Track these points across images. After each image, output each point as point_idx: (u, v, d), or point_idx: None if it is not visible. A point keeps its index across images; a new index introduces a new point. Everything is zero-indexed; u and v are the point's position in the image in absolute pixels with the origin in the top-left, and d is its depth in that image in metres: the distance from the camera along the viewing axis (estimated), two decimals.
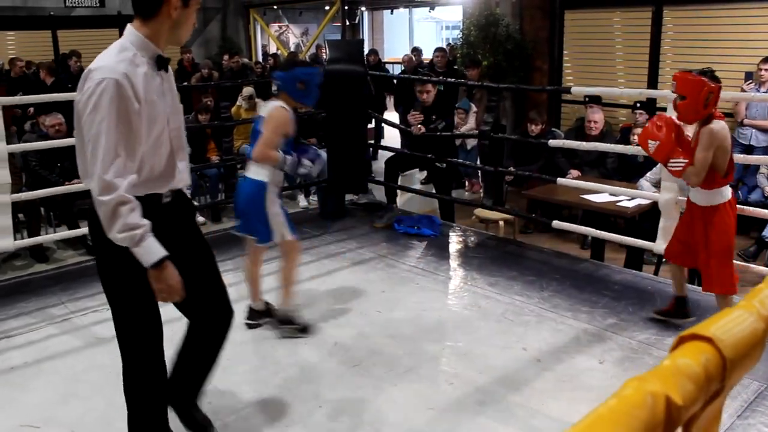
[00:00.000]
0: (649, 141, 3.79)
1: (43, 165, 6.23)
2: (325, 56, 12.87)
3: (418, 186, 8.34)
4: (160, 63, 2.47)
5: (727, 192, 3.82)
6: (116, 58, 2.34)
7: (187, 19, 2.48)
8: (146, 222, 2.29)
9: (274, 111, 3.86)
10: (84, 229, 5.67)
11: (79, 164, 2.48)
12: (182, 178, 2.58)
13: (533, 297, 4.59)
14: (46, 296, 4.72)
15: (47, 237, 6.06)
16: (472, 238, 5.85)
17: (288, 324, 4.13)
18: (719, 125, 3.65)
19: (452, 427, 3.20)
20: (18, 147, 5.88)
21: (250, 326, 4.19)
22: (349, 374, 3.67)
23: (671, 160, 3.74)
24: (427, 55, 11.44)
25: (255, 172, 3.89)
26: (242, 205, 3.98)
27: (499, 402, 3.37)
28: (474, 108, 8.04)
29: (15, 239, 4.90)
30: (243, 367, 3.75)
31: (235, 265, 5.38)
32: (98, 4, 12.82)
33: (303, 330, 4.12)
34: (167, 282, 2.37)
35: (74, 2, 12.58)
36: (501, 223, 6.15)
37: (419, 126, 6.09)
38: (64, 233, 5.71)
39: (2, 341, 4.13)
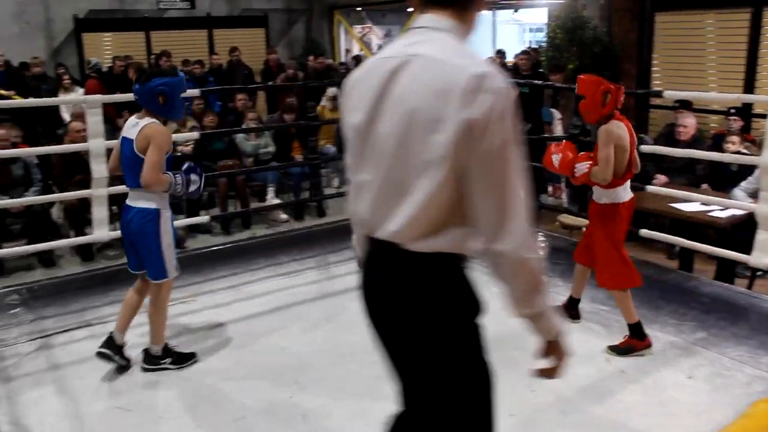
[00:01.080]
0: (552, 156, 3.99)
1: None
2: None
3: None
4: None
5: (623, 192, 3.94)
6: (479, 59, 1.67)
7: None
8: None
9: (149, 129, 3.45)
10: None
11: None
12: None
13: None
14: None
15: None
16: (556, 244, 5.75)
17: (162, 360, 3.76)
18: (615, 125, 3.80)
19: None
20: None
21: (101, 354, 3.71)
22: None
23: (576, 166, 3.90)
24: (510, 58, 11.33)
25: (143, 199, 3.54)
26: (131, 237, 3.61)
27: (583, 413, 3.31)
28: (558, 115, 7.90)
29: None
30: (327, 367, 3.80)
31: (317, 263, 5.47)
32: (189, 6, 13.22)
33: (183, 359, 3.83)
34: (564, 354, 1.94)
35: (166, 4, 13.01)
36: (584, 229, 6.02)
37: None
38: None
39: (97, 326, 4.32)
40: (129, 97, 6.11)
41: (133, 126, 3.50)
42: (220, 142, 7.51)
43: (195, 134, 6.46)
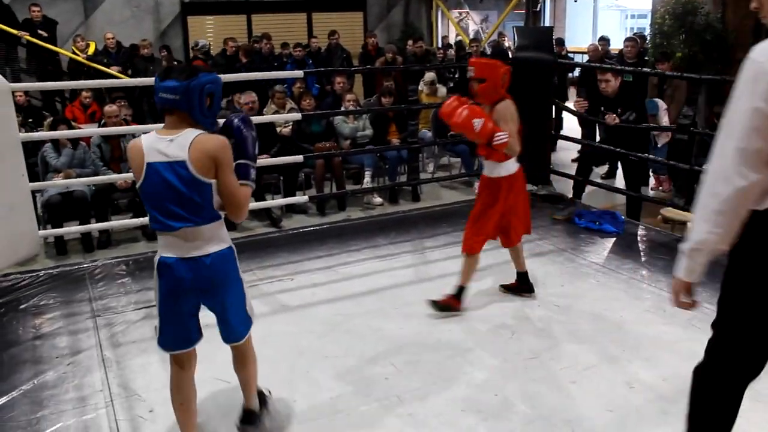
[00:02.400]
0: (474, 120, 3.92)
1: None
2: (506, 44, 12.76)
3: (598, 180, 8.04)
4: None
5: (512, 166, 4.15)
6: None
7: None
8: None
9: (209, 144, 2.56)
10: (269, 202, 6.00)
11: None
12: None
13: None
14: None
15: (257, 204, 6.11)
16: (658, 239, 5.56)
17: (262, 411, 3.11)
18: (511, 102, 4.08)
19: None
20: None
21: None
22: (525, 366, 3.62)
23: (496, 135, 3.92)
24: (613, 45, 10.97)
25: (216, 239, 2.68)
26: (209, 294, 2.74)
27: (684, 413, 3.18)
28: (664, 106, 7.60)
29: None
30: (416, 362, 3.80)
31: (413, 247, 5.48)
32: None
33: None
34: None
35: None
36: (690, 224, 5.76)
37: (613, 115, 5.82)
38: (260, 204, 5.99)
39: None
40: (240, 76, 6.39)
41: (168, 143, 2.55)
42: (317, 125, 7.61)
43: (297, 115, 6.57)
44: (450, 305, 4.22)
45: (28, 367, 3.71)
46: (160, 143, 2.56)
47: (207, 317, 2.81)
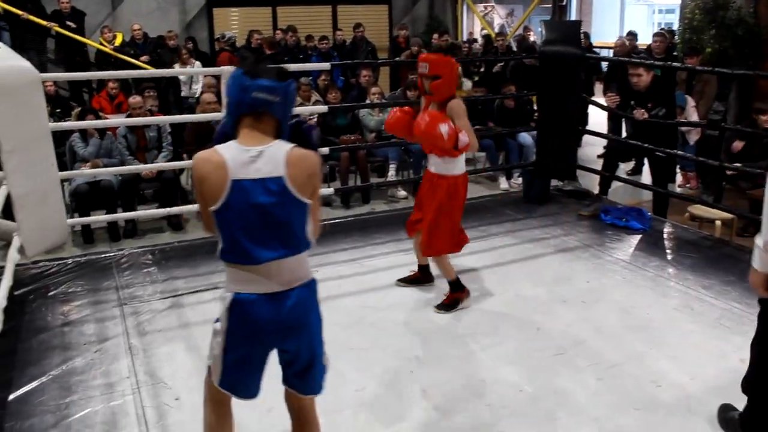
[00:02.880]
0: (440, 126, 3.79)
1: None
2: (532, 39, 12.66)
3: (623, 176, 7.97)
4: None
5: (461, 164, 4.10)
6: None
7: None
8: None
9: (305, 160, 2.21)
10: None
11: None
12: None
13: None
14: None
15: None
16: (685, 236, 5.50)
17: None
18: (460, 99, 4.02)
19: (660, 431, 3.04)
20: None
21: None
22: (550, 362, 3.60)
23: (460, 137, 3.85)
24: (641, 40, 10.86)
25: (303, 267, 2.31)
26: (290, 334, 2.32)
27: (712, 413, 3.14)
28: (692, 102, 7.50)
29: None
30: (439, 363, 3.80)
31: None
32: None
33: None
34: None
35: None
36: (718, 222, 5.70)
37: (642, 111, 5.75)
38: None
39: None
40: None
41: (256, 156, 2.15)
42: (343, 118, 7.61)
43: (323, 107, 6.57)
44: (457, 299, 4.21)
45: (57, 353, 3.76)
46: (244, 155, 2.15)
47: None
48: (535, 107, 7.23)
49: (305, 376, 2.40)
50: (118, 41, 10.23)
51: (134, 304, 4.37)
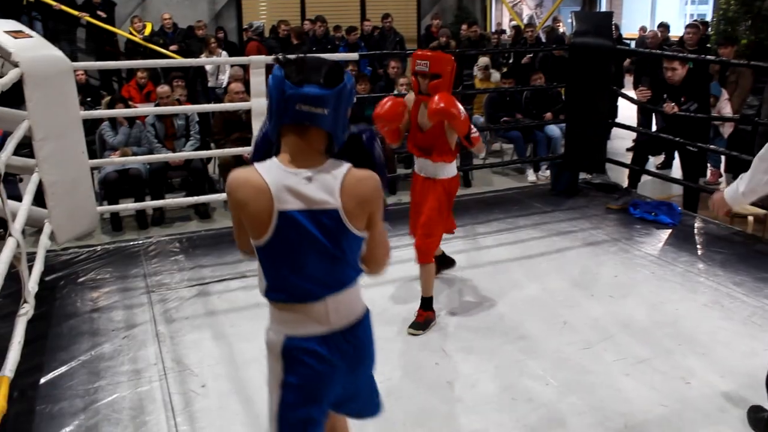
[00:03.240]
0: (459, 106, 3.67)
1: None
2: (562, 30, 12.52)
3: (653, 170, 7.87)
4: None
5: (454, 168, 4.00)
6: None
7: None
8: None
9: (362, 185, 1.84)
10: None
11: None
12: None
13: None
14: None
15: None
16: (716, 232, 5.41)
17: None
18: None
19: (688, 429, 3.00)
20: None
21: None
22: (578, 356, 3.57)
23: (472, 129, 3.79)
24: (674, 32, 10.69)
25: (358, 298, 2.04)
26: (359, 373, 2.07)
27: (742, 413, 3.09)
28: (725, 95, 7.37)
29: None
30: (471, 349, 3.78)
31: (465, 233, 5.41)
32: None
33: None
34: None
35: None
36: (750, 218, 5.61)
37: (672, 104, 5.67)
38: None
39: (251, 278, 4.50)
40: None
41: (305, 181, 1.80)
42: (370, 109, 7.57)
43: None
44: (429, 318, 3.94)
45: (86, 338, 3.81)
46: (291, 180, 1.79)
47: None
48: (563, 98, 7.16)
49: (364, 399, 2.17)
50: (147, 31, 10.30)
51: (161, 292, 4.41)
